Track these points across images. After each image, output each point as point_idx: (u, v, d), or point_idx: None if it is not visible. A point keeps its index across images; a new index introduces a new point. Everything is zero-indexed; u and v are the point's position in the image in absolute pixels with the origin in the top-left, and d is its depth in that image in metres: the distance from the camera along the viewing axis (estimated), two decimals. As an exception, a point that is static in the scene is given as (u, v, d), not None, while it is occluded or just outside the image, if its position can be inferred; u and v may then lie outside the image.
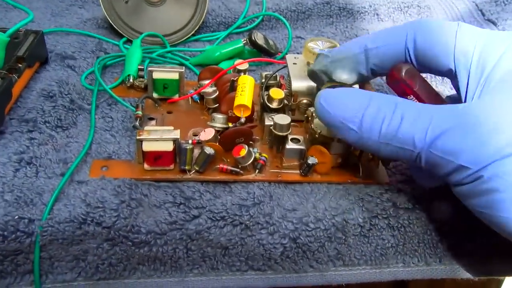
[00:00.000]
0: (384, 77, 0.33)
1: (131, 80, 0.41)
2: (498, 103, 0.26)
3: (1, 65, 0.37)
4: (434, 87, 0.31)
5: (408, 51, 0.31)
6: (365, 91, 0.30)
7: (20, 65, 0.38)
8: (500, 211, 0.25)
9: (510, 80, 0.26)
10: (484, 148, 0.25)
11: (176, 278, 0.31)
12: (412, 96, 0.30)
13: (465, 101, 0.29)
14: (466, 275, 0.33)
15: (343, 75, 0.32)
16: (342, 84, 0.33)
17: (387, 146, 0.27)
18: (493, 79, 0.27)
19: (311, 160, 0.33)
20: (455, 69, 0.29)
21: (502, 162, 0.24)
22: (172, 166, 0.33)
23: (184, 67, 0.40)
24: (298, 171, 0.34)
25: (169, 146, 0.32)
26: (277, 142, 0.35)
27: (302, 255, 0.32)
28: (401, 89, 0.31)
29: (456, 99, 0.31)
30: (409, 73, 0.30)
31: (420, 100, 0.30)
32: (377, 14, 0.56)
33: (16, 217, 0.29)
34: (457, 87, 0.30)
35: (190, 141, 0.33)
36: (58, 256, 0.30)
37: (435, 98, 0.31)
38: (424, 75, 0.32)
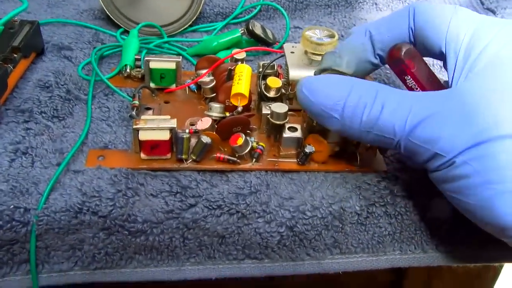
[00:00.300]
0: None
1: (128, 70, 0.41)
2: (477, 90, 0.26)
3: (-4, 55, 0.37)
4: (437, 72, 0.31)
5: (412, 32, 0.31)
6: (347, 77, 0.30)
7: (15, 55, 0.38)
8: (467, 197, 0.26)
9: (493, 67, 0.27)
10: (457, 136, 0.25)
11: (173, 267, 0.31)
12: (409, 77, 0.30)
13: (451, 85, 0.29)
14: (463, 262, 0.33)
15: (352, 67, 0.32)
16: (342, 73, 0.32)
17: (369, 134, 0.28)
18: (478, 64, 0.27)
19: (308, 149, 0.33)
20: (445, 53, 0.29)
21: (472, 150, 0.25)
22: (169, 155, 0.33)
23: (181, 57, 0.40)
24: (295, 160, 0.34)
25: (165, 135, 0.32)
26: (274, 131, 0.35)
27: (299, 244, 0.31)
28: (400, 69, 0.30)
29: None
30: (409, 54, 0.30)
31: (417, 81, 0.30)
32: (376, 4, 0.56)
33: (12, 206, 0.29)
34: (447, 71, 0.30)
35: (187, 130, 0.33)
36: (54, 245, 0.30)
37: (433, 81, 0.31)
38: (428, 59, 0.32)
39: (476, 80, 0.27)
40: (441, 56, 0.30)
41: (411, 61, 0.30)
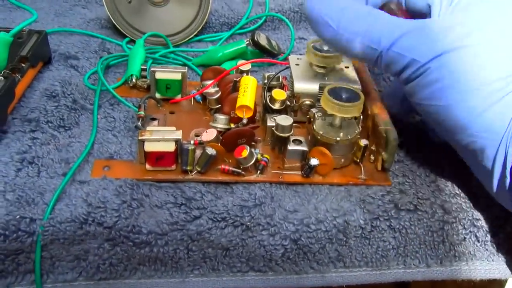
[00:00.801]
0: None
1: (134, 80, 0.41)
2: (454, 17, 0.30)
3: (4, 65, 0.37)
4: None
5: None
6: None
7: (23, 64, 0.38)
8: (436, 100, 0.29)
9: (470, 5, 0.30)
10: (433, 44, 0.29)
11: (176, 279, 0.31)
12: None
13: None
14: (467, 277, 0.33)
15: None
16: None
17: (356, 44, 0.31)
18: (459, 4, 0.30)
19: (313, 162, 0.33)
20: (431, 4, 0.32)
21: (446, 55, 0.29)
22: (173, 167, 0.33)
23: (186, 68, 0.40)
24: (300, 172, 0.34)
25: (171, 147, 0.32)
26: (279, 143, 0.35)
27: (303, 257, 0.32)
28: None
29: None
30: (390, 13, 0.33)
31: None
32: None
33: (18, 216, 0.29)
34: None
35: (192, 142, 0.33)
36: (59, 255, 0.30)
37: None
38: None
39: (456, 11, 0.30)
40: (427, 11, 0.33)
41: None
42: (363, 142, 0.34)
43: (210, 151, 0.32)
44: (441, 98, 0.29)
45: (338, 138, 0.33)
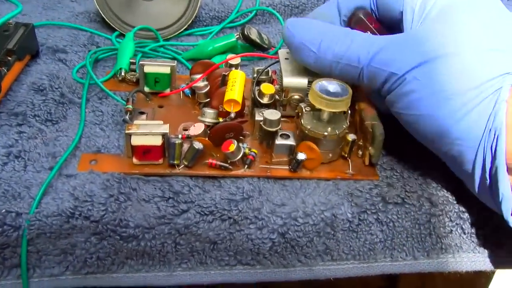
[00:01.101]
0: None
1: (122, 74, 0.41)
2: (426, 28, 0.31)
3: (-10, 58, 0.37)
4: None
5: (372, 1, 0.36)
6: (324, 22, 0.35)
7: (9, 58, 0.38)
8: (414, 109, 0.30)
9: (443, 12, 0.31)
10: (409, 57, 0.30)
11: (164, 273, 0.31)
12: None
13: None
14: (453, 269, 0.33)
15: None
16: None
17: (338, 64, 0.33)
18: (431, 13, 0.31)
19: (300, 156, 0.33)
20: (403, 11, 0.33)
21: (420, 67, 0.30)
22: (161, 161, 0.33)
23: (176, 61, 0.40)
24: (288, 167, 0.34)
25: (158, 141, 0.32)
26: (267, 137, 0.35)
27: (291, 250, 0.32)
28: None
29: None
30: (359, 22, 0.36)
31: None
32: (371, 9, 0.56)
33: (3, 210, 0.29)
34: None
35: (179, 136, 0.33)
36: (45, 250, 0.30)
37: None
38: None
39: (428, 22, 0.31)
40: (399, 17, 0.34)
41: (362, 27, 0.35)
42: (351, 137, 0.34)
43: (197, 145, 0.32)
44: (419, 107, 0.30)
45: (326, 133, 0.33)
